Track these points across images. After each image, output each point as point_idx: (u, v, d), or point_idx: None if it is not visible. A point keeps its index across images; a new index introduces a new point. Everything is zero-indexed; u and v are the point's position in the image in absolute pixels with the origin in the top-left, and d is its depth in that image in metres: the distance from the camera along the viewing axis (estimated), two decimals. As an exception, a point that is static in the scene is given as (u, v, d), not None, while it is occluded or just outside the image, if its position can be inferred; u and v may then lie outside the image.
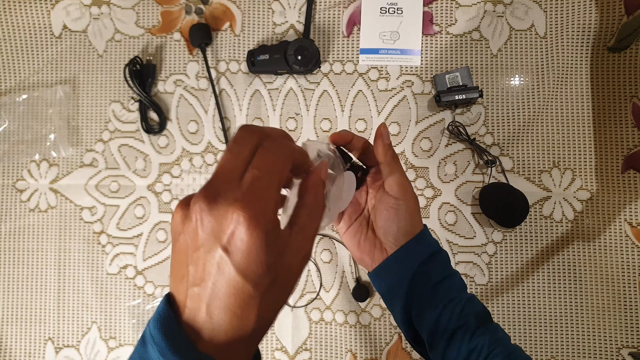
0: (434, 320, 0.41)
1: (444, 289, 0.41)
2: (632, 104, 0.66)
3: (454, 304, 0.41)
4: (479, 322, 0.41)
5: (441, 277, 0.42)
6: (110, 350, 0.69)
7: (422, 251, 0.42)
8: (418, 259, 0.42)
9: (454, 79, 0.66)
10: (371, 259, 0.44)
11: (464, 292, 0.43)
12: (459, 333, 0.40)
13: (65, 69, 0.71)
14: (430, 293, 0.41)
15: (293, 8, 0.69)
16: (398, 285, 0.42)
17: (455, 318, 0.41)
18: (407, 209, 0.42)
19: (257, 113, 0.69)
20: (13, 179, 0.71)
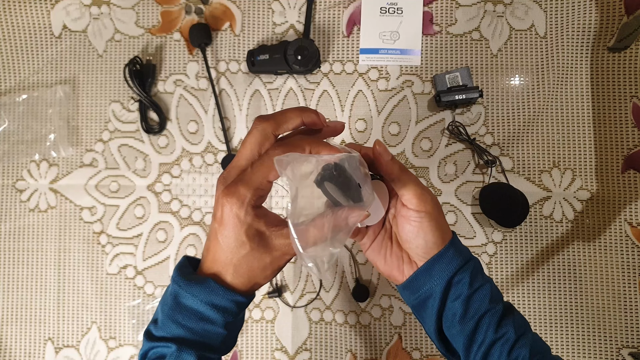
0: (469, 334, 0.39)
1: (477, 300, 0.40)
2: (632, 103, 0.66)
3: (490, 316, 0.39)
4: (517, 334, 0.39)
5: (474, 288, 0.40)
6: (110, 350, 0.69)
7: (452, 262, 0.40)
8: (449, 270, 0.40)
9: (454, 79, 0.66)
10: (400, 274, 0.42)
11: (499, 302, 0.41)
12: (496, 346, 0.39)
13: (65, 69, 0.71)
14: (464, 306, 0.39)
15: (293, 8, 0.69)
16: (429, 299, 0.41)
17: (492, 331, 0.39)
18: (431, 219, 0.39)
19: (257, 113, 0.69)
20: (13, 179, 0.71)
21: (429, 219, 0.39)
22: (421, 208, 0.39)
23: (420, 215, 0.39)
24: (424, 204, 0.39)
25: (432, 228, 0.39)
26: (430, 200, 0.39)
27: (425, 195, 0.39)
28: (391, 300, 0.67)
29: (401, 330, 0.66)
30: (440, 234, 0.40)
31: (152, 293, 0.69)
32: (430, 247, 0.40)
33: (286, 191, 0.68)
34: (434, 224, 0.39)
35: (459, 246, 0.41)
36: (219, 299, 0.36)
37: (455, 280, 0.40)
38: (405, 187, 0.39)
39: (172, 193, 0.70)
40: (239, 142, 0.69)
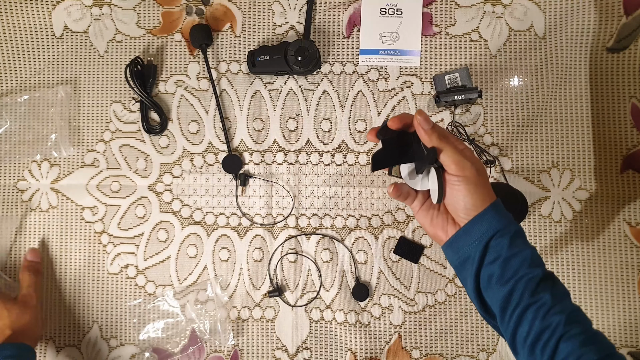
0: (505, 296, 0.41)
1: (515, 264, 0.41)
2: (631, 104, 0.66)
3: (527, 280, 0.40)
4: (555, 300, 0.40)
5: (513, 252, 0.41)
6: (111, 350, 0.69)
7: (491, 224, 0.42)
8: (488, 231, 0.42)
9: (454, 79, 0.67)
10: (444, 233, 0.45)
11: (539, 268, 0.41)
12: (531, 309, 0.40)
13: (67, 69, 0.71)
14: (501, 267, 0.41)
15: (293, 9, 0.70)
16: (469, 258, 0.43)
17: (527, 295, 0.40)
18: (470, 183, 0.41)
19: (257, 113, 0.70)
20: (14, 179, 0.71)
21: (467, 182, 0.41)
22: (459, 173, 0.41)
23: (459, 179, 0.41)
24: (462, 169, 0.41)
25: (471, 191, 0.42)
26: (469, 166, 0.41)
27: (463, 161, 0.41)
28: (391, 299, 0.67)
29: (401, 329, 0.67)
30: (480, 197, 0.42)
31: (153, 292, 0.69)
32: (470, 209, 0.42)
33: (287, 191, 0.69)
34: (472, 187, 0.42)
35: (499, 211, 0.43)
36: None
37: (494, 243, 0.41)
38: (444, 153, 0.42)
39: (173, 193, 0.70)
40: (240, 142, 0.70)
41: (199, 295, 0.69)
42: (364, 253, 0.68)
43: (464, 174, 0.41)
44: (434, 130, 0.42)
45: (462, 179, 0.41)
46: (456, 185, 0.42)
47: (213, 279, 0.68)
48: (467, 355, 0.66)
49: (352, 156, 0.69)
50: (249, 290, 0.68)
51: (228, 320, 0.68)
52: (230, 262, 0.69)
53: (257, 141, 0.70)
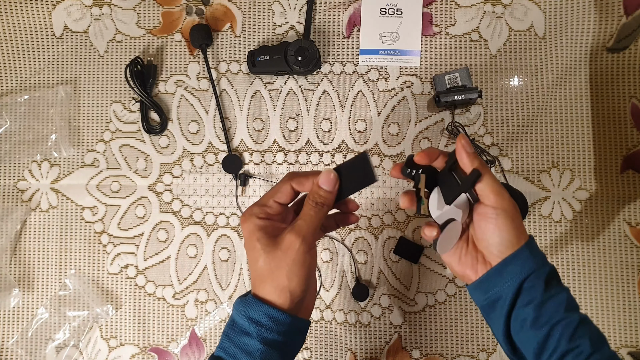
0: (541, 341, 0.39)
1: (551, 307, 0.39)
2: (631, 104, 0.66)
3: (564, 325, 0.39)
4: (593, 347, 0.38)
5: (549, 295, 0.39)
6: (111, 350, 0.69)
7: (526, 264, 0.40)
8: (522, 272, 0.40)
9: (454, 79, 0.67)
10: (474, 273, 0.43)
11: (575, 312, 0.39)
12: (569, 357, 0.38)
13: (67, 69, 0.71)
14: (536, 311, 0.39)
15: (293, 9, 0.70)
16: (498, 300, 0.41)
17: (565, 341, 0.38)
18: (507, 217, 0.39)
19: (257, 113, 0.70)
20: (14, 179, 0.71)
21: (505, 215, 0.39)
22: (498, 204, 0.39)
23: (497, 211, 0.39)
24: (501, 200, 0.39)
25: (508, 226, 0.40)
26: (507, 199, 0.40)
27: (503, 192, 0.40)
28: (391, 299, 0.67)
29: (401, 329, 0.67)
30: (516, 233, 0.40)
31: (153, 292, 0.69)
32: (505, 245, 0.40)
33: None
34: (510, 222, 0.40)
35: (534, 250, 0.41)
36: (253, 311, 0.39)
37: (528, 285, 0.40)
38: (484, 182, 0.40)
39: (173, 193, 0.70)
40: (240, 142, 0.70)
41: (199, 295, 0.69)
42: (364, 253, 0.68)
43: (503, 205, 0.39)
44: (476, 156, 0.40)
45: (500, 211, 0.39)
46: (492, 219, 0.40)
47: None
48: (467, 355, 0.66)
49: (352, 156, 0.68)
50: (249, 290, 0.68)
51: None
52: (230, 262, 0.69)
53: (257, 141, 0.70)
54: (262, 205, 0.41)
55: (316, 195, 0.40)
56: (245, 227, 0.40)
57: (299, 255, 0.39)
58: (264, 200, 0.41)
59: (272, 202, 0.41)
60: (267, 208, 0.41)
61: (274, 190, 0.41)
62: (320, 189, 0.40)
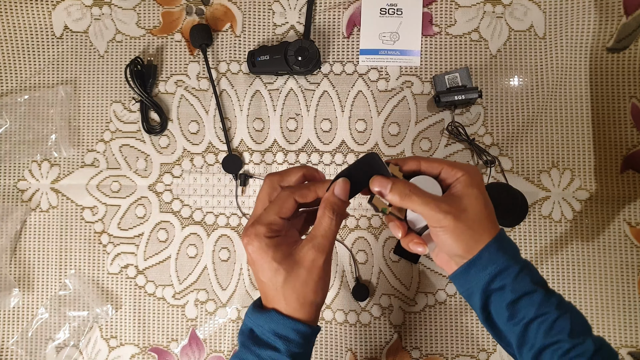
0: (519, 336, 0.40)
1: (524, 306, 0.40)
2: (631, 104, 0.66)
3: (539, 322, 0.39)
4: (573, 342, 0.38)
5: (519, 294, 0.40)
6: (111, 350, 0.69)
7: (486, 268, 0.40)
8: (483, 276, 0.40)
9: (454, 79, 0.67)
10: (450, 268, 0.45)
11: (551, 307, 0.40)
12: (547, 352, 0.39)
13: (67, 69, 0.71)
14: (509, 310, 0.40)
15: (293, 9, 0.70)
16: (472, 296, 0.42)
17: (541, 336, 0.39)
18: (448, 233, 0.39)
19: (257, 113, 0.70)
20: (14, 179, 0.71)
21: (445, 233, 0.40)
22: (434, 223, 0.40)
23: (436, 230, 0.40)
24: (436, 220, 0.39)
25: (453, 240, 0.40)
26: (442, 218, 0.39)
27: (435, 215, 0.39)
28: (391, 299, 0.67)
29: (401, 329, 0.67)
30: (464, 244, 0.40)
31: (153, 292, 0.69)
32: (461, 255, 0.41)
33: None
34: (454, 237, 0.39)
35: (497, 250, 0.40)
36: (280, 327, 0.40)
37: (495, 286, 0.40)
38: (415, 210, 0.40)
39: (173, 193, 0.70)
40: (240, 142, 0.70)
41: (199, 295, 0.69)
42: (364, 253, 0.68)
43: (441, 224, 0.39)
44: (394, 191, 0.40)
45: (440, 228, 0.40)
46: (437, 235, 0.40)
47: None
48: (467, 355, 0.66)
49: (352, 156, 0.69)
50: (249, 290, 0.68)
51: (228, 320, 0.68)
52: (230, 262, 0.69)
53: (257, 141, 0.70)
54: (267, 224, 0.40)
55: (334, 206, 0.40)
56: (255, 247, 0.39)
57: (323, 271, 0.40)
58: (267, 218, 0.40)
59: (277, 219, 0.40)
60: (273, 225, 0.40)
61: (276, 205, 0.40)
62: (337, 199, 0.40)
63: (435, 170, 0.42)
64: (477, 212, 0.40)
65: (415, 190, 0.40)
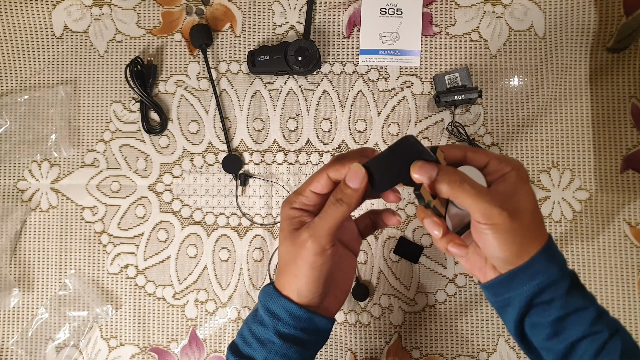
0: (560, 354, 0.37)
1: (573, 324, 0.36)
2: (631, 104, 0.66)
3: (589, 341, 0.36)
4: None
5: (568, 310, 0.36)
6: (111, 350, 0.69)
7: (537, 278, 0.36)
8: (532, 287, 0.36)
9: (454, 79, 0.67)
10: (482, 275, 0.40)
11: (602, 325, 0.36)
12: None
13: (67, 69, 0.71)
14: (553, 327, 0.36)
15: (293, 9, 0.70)
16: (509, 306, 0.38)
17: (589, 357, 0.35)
18: (499, 233, 0.34)
19: (257, 113, 0.70)
20: (14, 179, 0.71)
21: (495, 233, 0.34)
22: (485, 219, 0.34)
23: (486, 227, 0.34)
24: (488, 216, 0.34)
25: (503, 243, 0.35)
26: (497, 214, 0.34)
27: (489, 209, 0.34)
28: (391, 299, 0.67)
29: (401, 329, 0.67)
30: (515, 249, 0.35)
31: (153, 292, 0.69)
32: (506, 261, 0.36)
33: (287, 191, 0.69)
34: (504, 238, 0.35)
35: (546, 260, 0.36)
36: (272, 303, 0.38)
37: (542, 299, 0.36)
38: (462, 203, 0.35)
39: (173, 193, 0.70)
40: (240, 142, 0.70)
41: (199, 295, 0.69)
42: (364, 253, 0.68)
43: (492, 220, 0.34)
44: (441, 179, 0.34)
45: (489, 228, 0.34)
46: (483, 234, 0.35)
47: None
48: (467, 355, 0.66)
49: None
50: (249, 290, 0.68)
51: (228, 320, 0.68)
52: (230, 262, 0.69)
53: (257, 141, 0.70)
54: (298, 194, 0.38)
55: (339, 191, 0.36)
56: (281, 213, 0.39)
57: (308, 255, 0.36)
58: (301, 189, 0.38)
59: (308, 192, 0.38)
60: (303, 197, 0.38)
61: (311, 178, 0.38)
62: (345, 186, 0.36)
63: (482, 161, 0.37)
64: (530, 213, 0.35)
65: (468, 179, 0.34)
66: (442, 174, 0.34)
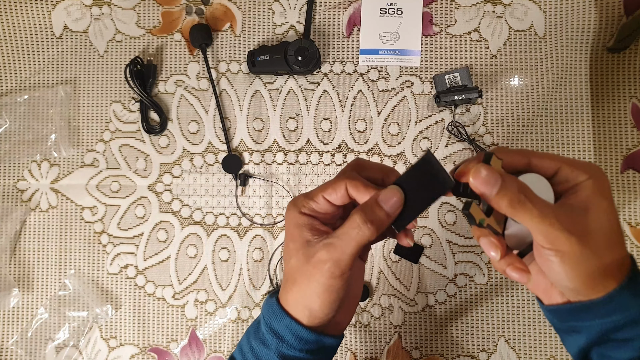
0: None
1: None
2: (632, 104, 0.66)
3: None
4: None
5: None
6: (111, 350, 0.69)
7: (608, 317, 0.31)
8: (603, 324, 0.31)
9: (454, 79, 0.67)
10: (546, 297, 0.35)
11: None
12: None
13: (66, 69, 0.71)
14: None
15: (293, 9, 0.70)
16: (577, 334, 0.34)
17: None
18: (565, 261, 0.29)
19: (257, 113, 0.70)
20: (14, 179, 0.71)
21: (562, 260, 0.29)
22: (550, 245, 0.29)
23: (552, 253, 0.30)
24: (551, 242, 0.29)
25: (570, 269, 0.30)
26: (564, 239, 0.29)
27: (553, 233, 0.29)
28: (391, 299, 0.67)
29: (401, 329, 0.67)
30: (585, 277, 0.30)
31: (152, 293, 0.69)
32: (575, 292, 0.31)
33: (287, 191, 0.69)
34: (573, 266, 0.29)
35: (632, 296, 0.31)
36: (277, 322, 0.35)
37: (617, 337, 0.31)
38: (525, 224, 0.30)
39: (173, 193, 0.70)
40: (240, 142, 0.70)
41: (199, 296, 0.69)
42: (364, 253, 0.68)
43: (557, 246, 0.29)
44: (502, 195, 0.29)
45: (556, 253, 0.29)
46: (549, 261, 0.30)
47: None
48: (467, 355, 0.66)
49: (352, 156, 0.69)
50: (248, 290, 0.68)
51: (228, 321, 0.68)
52: (230, 262, 0.69)
53: (257, 141, 0.70)
54: (309, 198, 0.34)
55: (369, 212, 0.32)
56: (287, 216, 0.35)
57: (325, 278, 0.32)
58: (313, 194, 0.34)
59: (321, 198, 0.34)
60: (314, 203, 0.34)
61: (327, 184, 0.34)
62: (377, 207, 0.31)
63: (550, 169, 0.32)
64: (607, 235, 0.30)
65: (531, 196, 0.29)
66: (505, 187, 0.29)
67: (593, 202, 0.30)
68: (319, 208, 0.34)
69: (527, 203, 0.29)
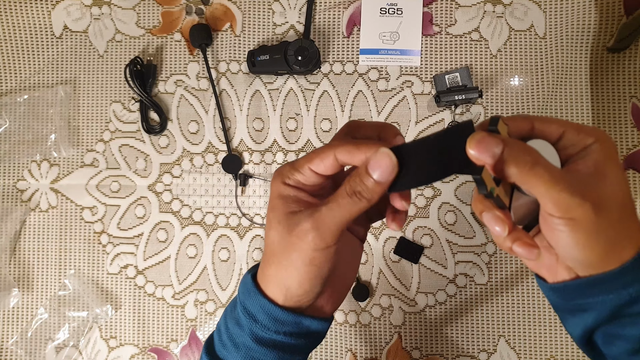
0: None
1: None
2: (632, 104, 0.66)
3: None
4: None
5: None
6: (111, 350, 0.69)
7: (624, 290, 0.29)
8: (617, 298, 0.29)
9: (454, 79, 0.67)
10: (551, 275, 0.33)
11: None
12: None
13: (66, 69, 0.71)
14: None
15: (293, 8, 0.70)
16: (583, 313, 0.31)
17: None
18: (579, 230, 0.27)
19: (257, 113, 0.70)
20: (14, 179, 0.71)
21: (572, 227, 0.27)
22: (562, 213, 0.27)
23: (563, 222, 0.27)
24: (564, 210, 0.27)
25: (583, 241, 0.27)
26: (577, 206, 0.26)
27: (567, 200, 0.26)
28: (391, 299, 0.67)
29: (401, 329, 0.67)
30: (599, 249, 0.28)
31: (152, 293, 0.69)
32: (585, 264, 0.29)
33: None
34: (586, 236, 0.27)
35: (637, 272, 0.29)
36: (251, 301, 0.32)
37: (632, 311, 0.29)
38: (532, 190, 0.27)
39: (173, 193, 0.70)
40: (240, 142, 0.70)
41: (199, 296, 0.69)
42: (364, 253, 0.68)
43: (569, 215, 0.27)
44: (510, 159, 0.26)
45: (568, 222, 0.27)
46: (558, 231, 0.28)
47: (213, 279, 0.68)
48: (467, 355, 0.66)
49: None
50: (248, 290, 0.68)
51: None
52: (230, 262, 0.69)
53: (257, 141, 0.70)
54: (294, 169, 0.31)
55: (357, 182, 0.29)
56: (271, 186, 0.32)
57: (307, 249, 0.30)
58: (298, 163, 0.31)
59: (307, 169, 0.31)
60: (299, 175, 0.31)
61: (313, 153, 0.31)
62: (366, 176, 0.29)
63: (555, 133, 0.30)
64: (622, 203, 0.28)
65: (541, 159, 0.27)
66: (511, 151, 0.26)
67: (604, 167, 0.28)
68: (305, 180, 0.31)
69: (538, 167, 0.26)
